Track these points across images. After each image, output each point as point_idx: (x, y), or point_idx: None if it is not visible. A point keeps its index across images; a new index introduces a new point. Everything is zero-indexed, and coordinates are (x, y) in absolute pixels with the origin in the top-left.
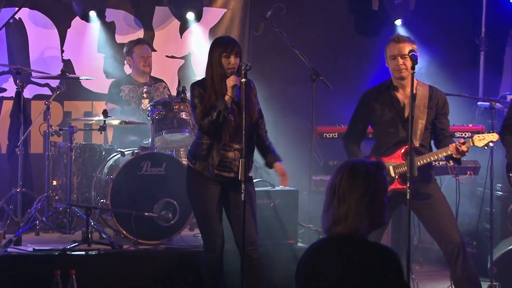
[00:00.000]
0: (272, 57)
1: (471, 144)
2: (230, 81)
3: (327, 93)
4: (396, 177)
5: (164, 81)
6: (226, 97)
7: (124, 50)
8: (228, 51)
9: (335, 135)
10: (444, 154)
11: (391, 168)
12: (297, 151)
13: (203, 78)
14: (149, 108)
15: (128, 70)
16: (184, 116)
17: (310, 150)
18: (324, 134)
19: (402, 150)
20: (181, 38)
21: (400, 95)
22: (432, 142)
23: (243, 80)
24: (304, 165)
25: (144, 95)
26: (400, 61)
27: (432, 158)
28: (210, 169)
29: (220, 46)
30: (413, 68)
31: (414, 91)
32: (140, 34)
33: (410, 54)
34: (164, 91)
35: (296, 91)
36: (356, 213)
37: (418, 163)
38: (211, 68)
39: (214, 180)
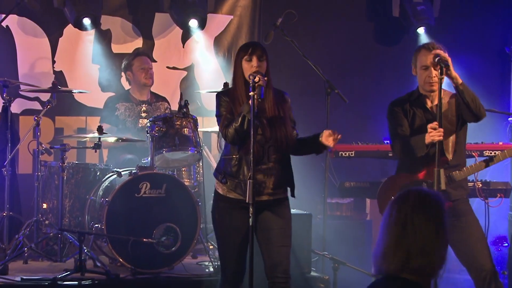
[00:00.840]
0: (282, 69)
1: (506, 155)
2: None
3: (343, 108)
4: None
5: (166, 100)
6: (250, 101)
7: (123, 65)
8: (249, 54)
9: (351, 154)
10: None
11: (424, 185)
12: (310, 171)
13: (230, 88)
14: (148, 125)
15: (126, 85)
16: (186, 133)
17: (324, 170)
18: (340, 153)
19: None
20: (183, 47)
21: (429, 105)
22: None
23: (251, 93)
24: (318, 186)
25: (142, 115)
26: (433, 72)
27: (470, 172)
28: (243, 186)
29: (241, 50)
30: (441, 73)
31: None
32: (138, 43)
33: (437, 59)
34: (166, 112)
35: (309, 106)
36: (434, 246)
37: (458, 174)
38: (235, 76)
39: (242, 206)
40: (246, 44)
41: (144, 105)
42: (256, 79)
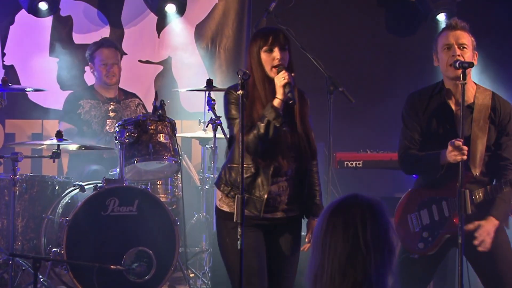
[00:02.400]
0: None
1: None
2: (280, 79)
3: (348, 109)
4: (452, 216)
5: (137, 97)
6: (276, 101)
7: (86, 54)
8: (270, 44)
9: (359, 164)
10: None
11: (444, 204)
12: None
13: (243, 81)
14: (117, 129)
15: (90, 80)
16: (163, 139)
17: (326, 183)
18: (345, 163)
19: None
20: (158, 37)
21: (454, 104)
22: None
23: (239, 92)
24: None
25: (110, 114)
26: (458, 51)
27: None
28: (258, 205)
29: (258, 39)
30: (464, 77)
31: (472, 100)
32: (105, 32)
33: (458, 63)
34: (137, 110)
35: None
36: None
37: (477, 196)
38: (251, 71)
39: (255, 224)
40: (264, 30)
41: (111, 103)
42: (282, 80)
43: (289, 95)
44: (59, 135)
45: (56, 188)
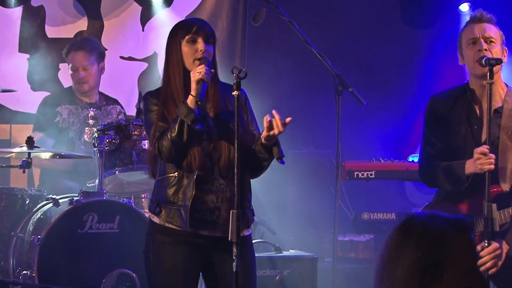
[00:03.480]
0: (277, 59)
1: None
2: (195, 73)
3: (359, 112)
4: (476, 235)
5: (119, 103)
6: (189, 99)
7: (63, 52)
8: (193, 32)
9: (371, 175)
10: None
11: None
12: (315, 199)
13: (158, 88)
14: (96, 135)
15: (65, 79)
16: (147, 146)
17: (334, 197)
18: (355, 173)
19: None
20: (143, 30)
21: (479, 107)
22: None
23: (235, 93)
24: (326, 219)
25: (89, 122)
26: (484, 45)
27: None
28: (183, 213)
29: (179, 28)
30: (491, 76)
31: (501, 103)
32: (82, 25)
33: (484, 59)
34: (118, 118)
35: (312, 109)
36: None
37: (502, 216)
38: (168, 65)
39: (189, 242)
40: (186, 21)
41: (91, 109)
42: (196, 75)
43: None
44: (29, 141)
45: (27, 202)
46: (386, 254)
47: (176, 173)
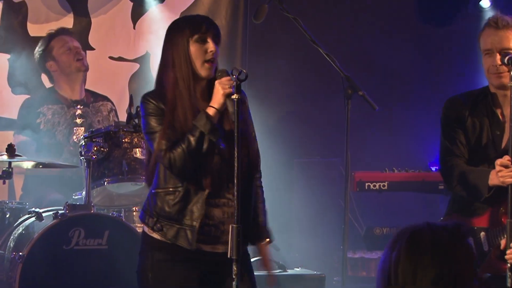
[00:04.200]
0: (280, 60)
1: None
2: (225, 85)
3: (370, 117)
4: (492, 251)
5: (109, 100)
6: (211, 110)
7: (37, 55)
8: (203, 32)
9: (384, 186)
10: None
11: (482, 236)
12: (323, 212)
13: (163, 87)
14: (82, 143)
15: (48, 82)
16: (139, 155)
17: (343, 210)
18: (367, 184)
19: (502, 208)
20: (134, 28)
21: (501, 113)
22: None
23: (235, 96)
24: (334, 234)
25: (77, 121)
26: (498, 59)
27: None
28: (190, 235)
29: (185, 26)
30: None
31: None
32: (67, 21)
33: (507, 58)
34: (110, 116)
35: (319, 115)
36: None
37: None
38: (170, 67)
39: (189, 258)
40: (193, 18)
41: (78, 106)
42: (226, 88)
43: (230, 110)
44: (10, 150)
45: (7, 216)
46: (395, 260)
47: (181, 187)
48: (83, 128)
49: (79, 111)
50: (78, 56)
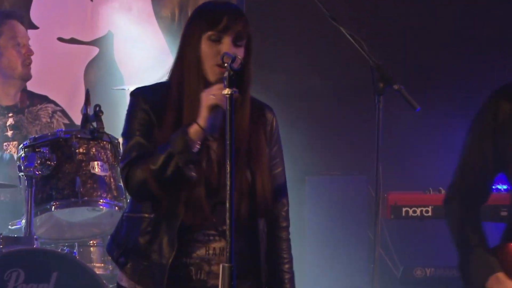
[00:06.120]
0: (290, 46)
1: None
2: (209, 96)
3: (409, 118)
4: None
5: (52, 101)
6: (193, 128)
7: None
8: (220, 29)
9: (426, 212)
10: None
11: None
12: (344, 246)
13: (162, 83)
14: (22, 154)
15: None
16: (98, 171)
17: (372, 243)
18: (404, 210)
19: None
20: (91, 1)
21: None
22: None
23: (226, 91)
24: (361, 274)
25: (9, 134)
26: None
27: None
28: (158, 275)
29: (204, 19)
30: None
31: None
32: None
33: None
34: (52, 123)
35: (341, 118)
36: None
37: None
38: (181, 62)
39: None
40: (215, 8)
41: (9, 114)
42: (211, 99)
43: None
44: None
45: None
46: None
47: (153, 214)
48: (15, 143)
49: (10, 121)
50: (27, 60)
